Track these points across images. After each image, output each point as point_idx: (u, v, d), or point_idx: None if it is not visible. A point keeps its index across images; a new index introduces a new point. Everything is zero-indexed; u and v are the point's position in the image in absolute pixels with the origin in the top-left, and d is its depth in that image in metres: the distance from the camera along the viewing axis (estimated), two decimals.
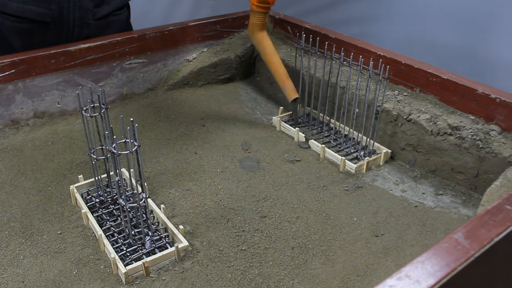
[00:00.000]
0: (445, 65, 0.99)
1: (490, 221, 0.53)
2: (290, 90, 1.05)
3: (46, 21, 1.05)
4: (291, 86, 1.06)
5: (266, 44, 1.08)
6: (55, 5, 1.04)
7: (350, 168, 0.95)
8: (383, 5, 1.64)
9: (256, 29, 1.08)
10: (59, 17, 1.06)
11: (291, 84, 1.06)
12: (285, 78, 1.06)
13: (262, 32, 1.08)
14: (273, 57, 1.08)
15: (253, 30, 1.08)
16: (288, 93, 1.05)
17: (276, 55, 1.08)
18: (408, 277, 0.45)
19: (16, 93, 1.07)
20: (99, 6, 1.13)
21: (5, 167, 0.96)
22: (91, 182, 0.87)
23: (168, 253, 0.73)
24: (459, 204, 0.86)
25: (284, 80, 1.06)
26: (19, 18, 1.03)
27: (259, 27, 1.07)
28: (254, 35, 1.09)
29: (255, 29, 1.08)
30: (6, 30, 1.05)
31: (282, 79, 1.06)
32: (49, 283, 0.70)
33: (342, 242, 0.77)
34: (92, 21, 1.13)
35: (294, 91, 1.05)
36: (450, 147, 0.88)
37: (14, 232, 0.79)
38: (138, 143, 0.67)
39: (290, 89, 1.05)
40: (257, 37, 1.09)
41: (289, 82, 1.06)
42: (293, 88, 1.05)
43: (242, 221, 0.82)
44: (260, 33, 1.08)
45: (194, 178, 0.93)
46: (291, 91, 1.05)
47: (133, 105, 1.20)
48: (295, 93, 1.05)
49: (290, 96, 1.05)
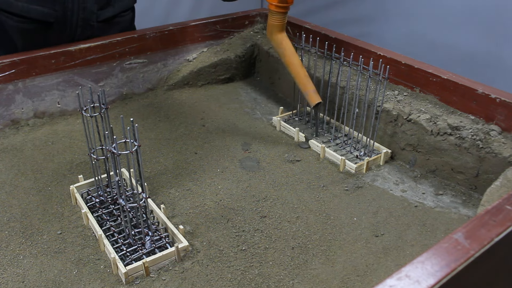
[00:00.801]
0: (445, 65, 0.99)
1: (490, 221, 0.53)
2: (312, 94, 1.00)
3: (49, 21, 1.05)
4: (313, 89, 1.01)
5: (285, 45, 1.04)
6: (60, 5, 1.04)
7: (350, 168, 0.95)
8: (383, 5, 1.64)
9: (275, 30, 1.03)
10: (62, 17, 1.06)
11: (313, 87, 1.01)
12: (307, 81, 1.01)
13: (281, 33, 1.04)
14: (294, 59, 1.03)
15: (271, 31, 1.04)
16: (310, 97, 1.00)
17: (297, 57, 1.03)
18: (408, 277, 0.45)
19: (16, 93, 1.07)
20: (103, 8, 1.13)
21: (5, 167, 0.96)
22: (91, 182, 0.87)
23: (168, 253, 0.73)
24: (459, 204, 0.86)
25: (306, 84, 1.01)
26: (23, 18, 1.03)
27: (278, 28, 1.03)
28: (273, 37, 1.05)
29: (274, 30, 1.03)
30: (9, 29, 1.05)
31: (304, 82, 1.02)
32: (49, 283, 0.70)
33: (342, 242, 0.77)
34: (96, 23, 1.13)
35: (317, 95, 1.00)
36: (450, 147, 0.88)
37: (14, 232, 0.79)
38: (138, 143, 0.67)
39: (312, 93, 1.00)
40: (276, 38, 1.04)
41: (311, 85, 1.01)
42: (315, 92, 1.01)
43: (242, 221, 0.82)
44: (279, 34, 1.04)
45: (194, 178, 0.93)
46: (314, 96, 1.00)
47: (133, 105, 1.20)
48: (317, 97, 1.00)
49: (313, 100, 1.00)
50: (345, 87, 1.03)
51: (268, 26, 1.04)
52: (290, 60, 1.03)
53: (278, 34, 1.04)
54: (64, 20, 1.07)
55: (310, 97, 1.00)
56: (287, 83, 1.22)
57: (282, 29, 1.03)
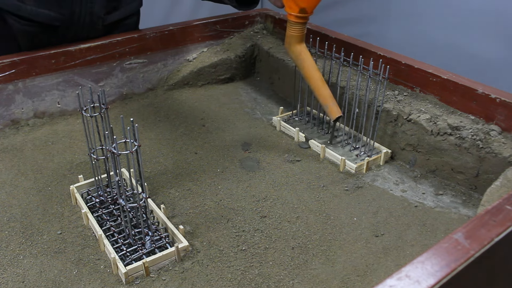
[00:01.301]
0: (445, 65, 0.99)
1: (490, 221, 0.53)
2: (333, 108, 0.97)
3: (56, 25, 1.05)
4: (333, 103, 0.98)
5: (305, 57, 0.99)
6: (67, 10, 1.04)
7: (350, 168, 0.95)
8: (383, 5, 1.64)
9: (293, 41, 0.99)
10: (69, 21, 1.07)
11: (334, 100, 0.98)
12: (327, 95, 0.98)
13: (300, 45, 0.99)
14: (313, 71, 0.99)
15: (290, 42, 1.00)
16: (331, 111, 0.97)
17: (317, 69, 0.99)
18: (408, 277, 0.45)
19: (16, 93, 1.07)
20: (110, 13, 1.13)
21: (5, 167, 0.96)
22: (91, 182, 0.87)
23: (168, 253, 0.73)
24: (459, 204, 0.86)
25: (326, 97, 0.98)
26: (31, 21, 1.03)
27: (297, 39, 0.98)
28: (292, 48, 1.00)
29: (293, 41, 0.99)
30: (16, 32, 1.05)
31: (324, 95, 0.98)
32: (49, 283, 0.70)
33: (342, 242, 0.77)
34: (102, 27, 1.13)
35: (337, 108, 0.97)
36: (450, 147, 0.88)
37: (14, 232, 0.79)
38: (138, 143, 0.67)
39: (332, 107, 0.97)
40: (294, 50, 1.00)
41: (332, 99, 0.98)
42: (335, 106, 0.98)
43: (242, 221, 0.82)
44: (298, 45, 0.99)
45: (194, 178, 0.93)
46: (334, 110, 0.97)
47: (133, 105, 1.20)
48: (338, 111, 0.97)
49: (333, 114, 0.97)
50: (345, 87, 1.03)
51: (287, 37, 1.00)
52: (310, 74, 0.99)
53: (297, 46, 0.99)
54: (71, 24, 1.08)
55: (331, 110, 0.97)
56: (287, 83, 1.22)
57: (301, 40, 0.99)
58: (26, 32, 1.05)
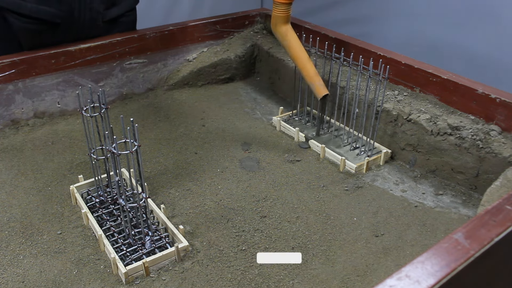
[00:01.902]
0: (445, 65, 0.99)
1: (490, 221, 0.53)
2: (319, 87, 0.99)
3: (57, 22, 1.06)
4: (320, 82, 1.00)
5: (291, 37, 1.02)
6: (66, 6, 1.05)
7: (350, 168, 0.95)
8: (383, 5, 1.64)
9: (279, 22, 1.01)
10: (70, 18, 1.07)
11: (320, 80, 1.00)
12: (313, 73, 1.00)
13: (286, 25, 1.02)
14: (299, 51, 1.01)
15: (276, 23, 1.02)
16: (317, 89, 0.99)
17: (303, 49, 1.02)
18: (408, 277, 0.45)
19: (16, 93, 1.07)
20: (109, 8, 1.13)
21: (5, 167, 0.96)
22: (91, 182, 0.87)
23: (168, 253, 0.73)
24: (459, 204, 0.86)
25: (312, 76, 1.00)
26: (31, 19, 1.03)
27: (283, 20, 1.01)
28: (278, 29, 1.02)
29: (278, 22, 1.01)
30: (17, 30, 1.05)
31: (310, 75, 1.00)
32: (49, 283, 0.70)
33: (342, 242, 0.77)
34: (102, 23, 1.13)
35: (324, 88, 0.99)
36: (450, 147, 0.88)
37: (14, 232, 0.79)
38: (138, 143, 0.67)
39: (319, 85, 0.99)
40: (280, 30, 1.02)
41: (318, 77, 1.00)
42: (322, 84, 0.99)
43: (242, 221, 0.82)
44: (284, 26, 1.02)
45: (194, 178, 0.93)
46: (321, 88, 0.99)
47: (133, 105, 1.20)
48: (324, 89, 0.99)
49: (320, 93, 0.99)
50: (345, 87, 1.03)
51: (273, 18, 1.02)
52: (297, 53, 1.01)
53: (282, 26, 1.02)
54: (72, 21, 1.08)
55: (317, 89, 0.99)
56: (287, 83, 1.22)
57: (287, 21, 1.01)
58: (27, 30, 1.05)
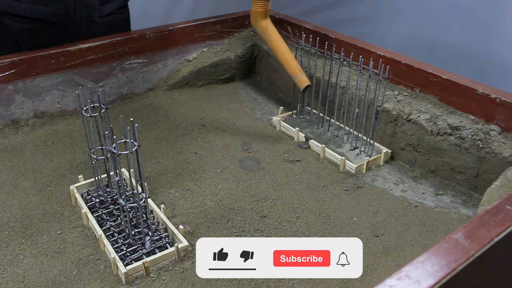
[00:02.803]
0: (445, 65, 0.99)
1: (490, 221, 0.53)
2: (302, 78, 1.01)
3: (54, 20, 1.06)
4: (301, 73, 1.01)
5: (271, 31, 1.05)
6: (62, 4, 1.05)
7: (350, 168, 0.95)
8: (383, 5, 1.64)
9: (259, 17, 1.04)
10: (66, 16, 1.07)
11: (301, 70, 1.02)
12: (295, 65, 1.02)
13: (265, 20, 1.05)
14: (280, 44, 1.04)
15: (256, 18, 1.05)
16: (299, 80, 1.01)
17: (283, 42, 1.04)
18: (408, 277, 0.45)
19: (16, 93, 1.07)
20: (104, 3, 1.14)
21: (5, 167, 0.96)
22: (91, 182, 0.87)
23: (168, 253, 0.73)
24: (459, 204, 0.86)
25: (294, 68, 1.02)
26: (27, 19, 1.03)
27: (262, 15, 1.04)
28: (258, 24, 1.05)
29: (258, 17, 1.04)
30: (14, 31, 1.05)
31: (292, 66, 1.02)
32: (49, 283, 0.70)
33: None
34: (98, 19, 1.13)
35: (306, 78, 1.01)
36: (450, 147, 0.88)
37: (14, 232, 0.79)
38: (138, 143, 0.67)
39: (301, 77, 1.01)
40: (260, 25, 1.05)
41: (299, 69, 1.02)
42: (304, 76, 1.01)
43: (242, 221, 0.82)
44: (263, 21, 1.05)
45: (194, 178, 0.93)
46: (303, 78, 1.01)
47: (133, 105, 1.20)
48: (306, 80, 1.01)
49: (302, 83, 1.01)
50: (345, 87, 1.03)
51: (252, 14, 1.06)
52: (277, 46, 1.04)
53: (262, 21, 1.05)
54: (68, 19, 1.08)
55: (299, 80, 1.01)
56: (287, 83, 1.22)
57: (266, 16, 1.05)
58: (25, 31, 1.05)
